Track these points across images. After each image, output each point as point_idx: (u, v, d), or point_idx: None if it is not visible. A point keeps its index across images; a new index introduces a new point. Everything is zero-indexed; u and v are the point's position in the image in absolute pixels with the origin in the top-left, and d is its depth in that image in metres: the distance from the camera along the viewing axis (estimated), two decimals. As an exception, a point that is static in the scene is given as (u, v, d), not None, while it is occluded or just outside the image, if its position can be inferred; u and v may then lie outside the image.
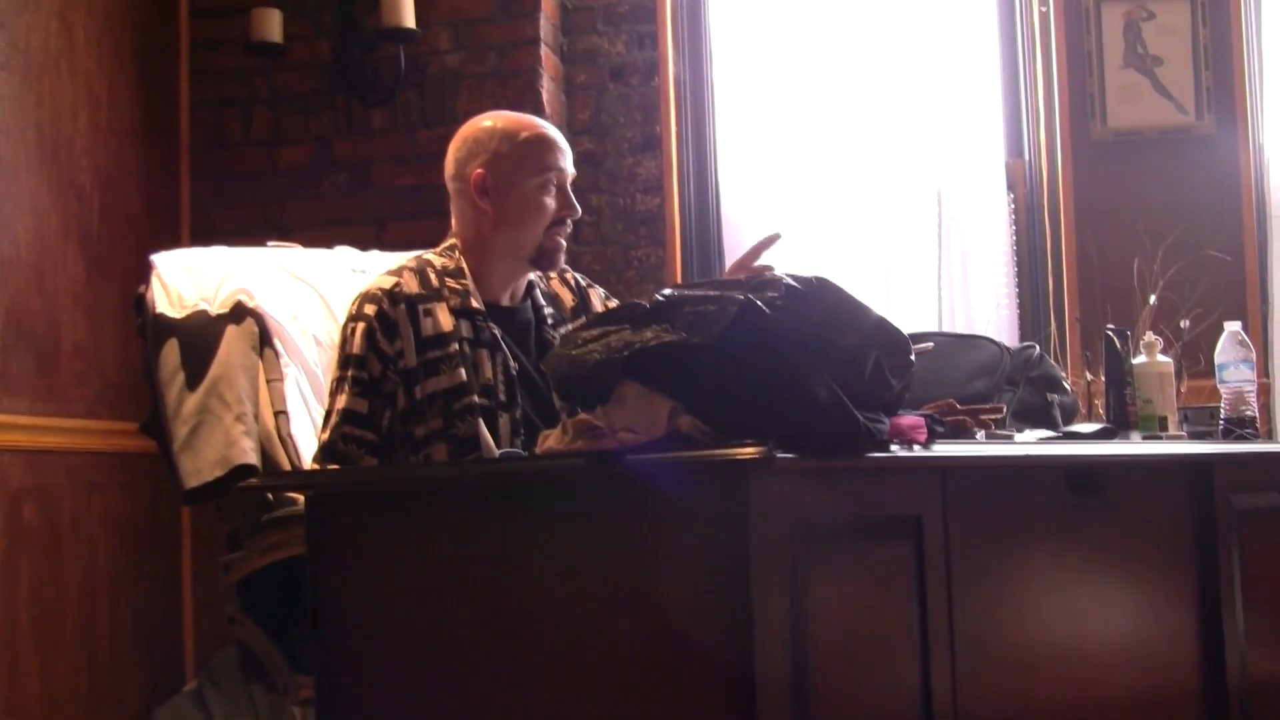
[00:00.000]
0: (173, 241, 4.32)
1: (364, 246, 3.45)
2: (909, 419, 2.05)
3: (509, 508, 1.97)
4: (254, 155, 4.53)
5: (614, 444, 1.88)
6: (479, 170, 2.75)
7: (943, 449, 2.08)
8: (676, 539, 1.83)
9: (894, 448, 1.96)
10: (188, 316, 2.96)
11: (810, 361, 1.88)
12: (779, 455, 1.72)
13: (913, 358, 2.03)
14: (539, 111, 4.27)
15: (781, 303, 1.90)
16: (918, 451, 1.99)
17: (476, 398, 2.64)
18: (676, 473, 1.79)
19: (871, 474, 1.98)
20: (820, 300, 1.94)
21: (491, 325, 2.71)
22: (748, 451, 1.73)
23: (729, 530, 1.78)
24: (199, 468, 2.82)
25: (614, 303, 2.88)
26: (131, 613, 4.07)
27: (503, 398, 2.66)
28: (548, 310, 2.83)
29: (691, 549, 1.82)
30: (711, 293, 1.94)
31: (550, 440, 2.02)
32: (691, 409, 1.89)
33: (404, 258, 2.98)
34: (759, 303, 1.88)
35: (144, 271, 3.11)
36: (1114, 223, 4.32)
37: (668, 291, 1.99)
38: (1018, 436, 2.48)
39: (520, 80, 4.41)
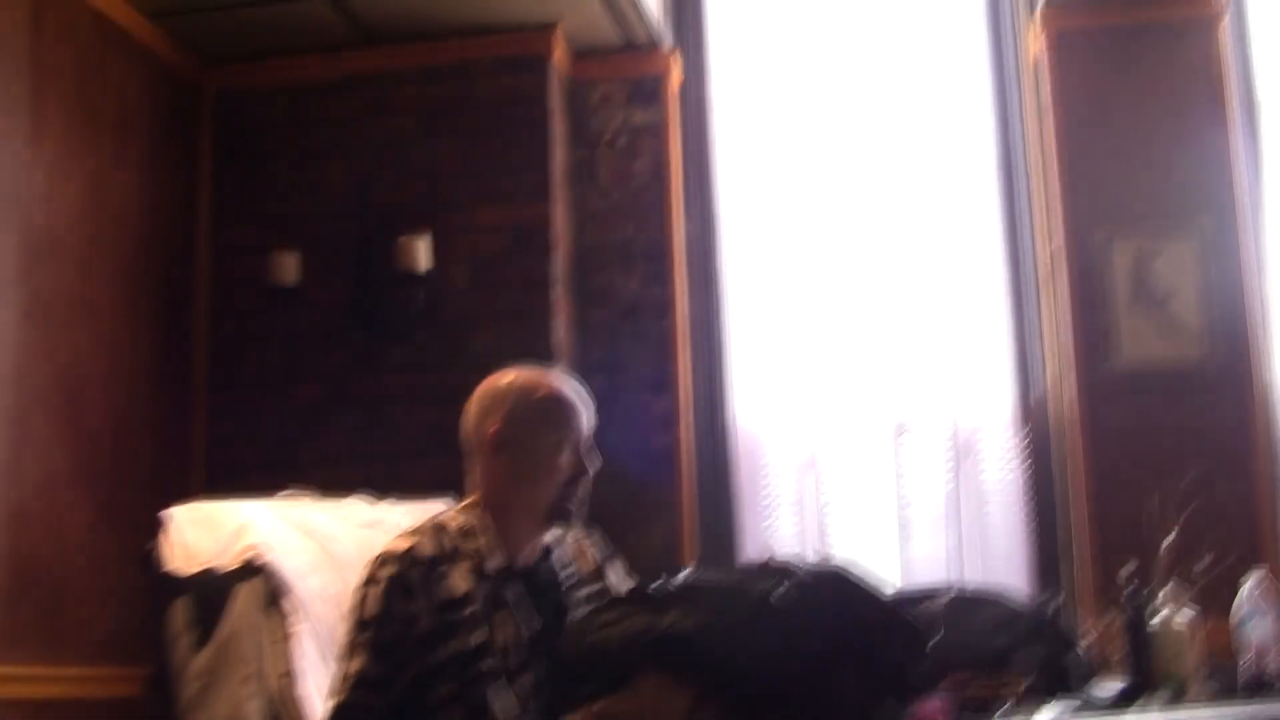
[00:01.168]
0: (184, 480, 4.34)
1: (378, 485, 3.44)
2: (931, 704, 2.03)
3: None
4: (269, 393, 4.56)
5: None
6: (495, 426, 2.75)
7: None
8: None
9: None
10: (197, 573, 2.94)
11: (828, 652, 1.87)
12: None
13: (930, 643, 2.01)
14: (550, 352, 4.31)
15: (798, 593, 1.89)
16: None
17: (492, 661, 2.60)
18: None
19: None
20: (836, 590, 1.93)
21: (510, 586, 2.68)
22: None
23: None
24: (206, 730, 2.78)
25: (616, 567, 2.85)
26: None
27: (520, 661, 2.63)
28: (567, 572, 2.79)
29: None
30: (730, 581, 1.93)
31: (567, 731, 1.99)
32: (709, 697, 1.87)
33: (415, 510, 2.98)
34: (776, 594, 1.87)
35: (153, 514, 3.09)
36: (1128, 460, 4.31)
37: (686, 576, 1.98)
38: (1040, 712, 2.44)
39: (534, 319, 4.46)
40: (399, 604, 2.61)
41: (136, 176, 4.35)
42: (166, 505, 3.14)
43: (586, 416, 2.79)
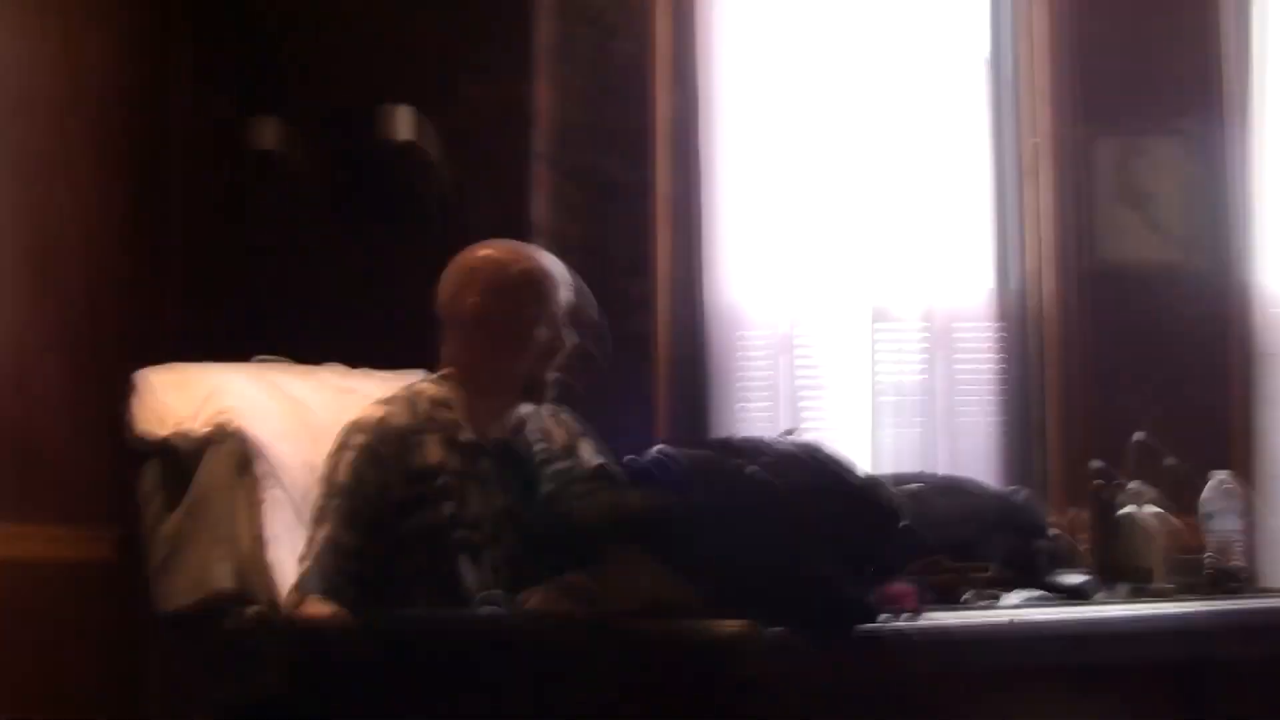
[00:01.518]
0: (157, 345, 4.30)
1: (352, 363, 3.42)
2: (899, 586, 2.04)
3: (493, 662, 1.96)
4: (245, 267, 4.51)
5: (597, 612, 1.86)
6: (472, 299, 2.75)
7: (933, 617, 2.07)
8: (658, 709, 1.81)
9: (884, 618, 1.94)
10: (169, 436, 2.94)
11: (801, 531, 1.87)
12: (766, 635, 1.71)
13: (899, 525, 2.02)
14: (529, 229, 4.26)
15: (773, 469, 1.89)
16: (907, 622, 1.98)
17: (463, 533, 2.61)
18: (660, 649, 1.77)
19: (860, 648, 1.96)
20: (808, 468, 1.93)
21: (482, 459, 2.68)
22: (732, 629, 1.72)
23: (714, 702, 1.76)
24: (174, 592, 2.79)
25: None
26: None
27: (490, 534, 2.63)
28: (539, 446, 2.79)
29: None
30: (702, 455, 1.93)
31: (534, 600, 2.00)
32: (679, 574, 1.88)
33: (391, 380, 2.98)
34: (751, 470, 1.87)
35: (126, 377, 3.08)
36: (1103, 356, 4.32)
37: (659, 451, 1.98)
38: (1004, 598, 2.46)
39: (514, 196, 4.41)
40: (370, 472, 2.63)
41: (113, 32, 4.26)
42: (140, 369, 3.13)
43: (563, 292, 2.79)
